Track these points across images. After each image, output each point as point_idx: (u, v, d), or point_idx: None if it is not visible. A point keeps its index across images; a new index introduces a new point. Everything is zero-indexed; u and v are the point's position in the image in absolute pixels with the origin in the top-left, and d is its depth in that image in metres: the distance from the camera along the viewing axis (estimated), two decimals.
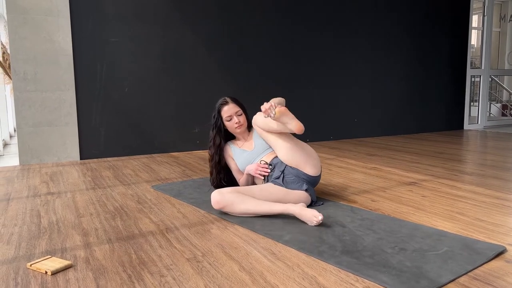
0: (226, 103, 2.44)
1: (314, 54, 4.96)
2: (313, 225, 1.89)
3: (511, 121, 7.50)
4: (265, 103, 2.05)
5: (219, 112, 2.45)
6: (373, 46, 5.37)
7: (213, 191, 2.14)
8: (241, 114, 2.43)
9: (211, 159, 2.49)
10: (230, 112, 2.42)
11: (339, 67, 5.16)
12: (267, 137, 2.26)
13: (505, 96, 10.34)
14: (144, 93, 4.11)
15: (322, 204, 2.25)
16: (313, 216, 1.89)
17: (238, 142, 2.53)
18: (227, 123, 2.44)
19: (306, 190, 2.17)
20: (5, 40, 5.93)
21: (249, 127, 2.53)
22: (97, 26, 3.85)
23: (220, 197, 2.05)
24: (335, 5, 5.04)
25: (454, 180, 2.88)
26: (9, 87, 6.36)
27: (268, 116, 2.04)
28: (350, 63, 5.23)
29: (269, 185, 2.18)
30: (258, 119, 2.23)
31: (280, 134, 2.21)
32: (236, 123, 2.40)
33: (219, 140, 2.46)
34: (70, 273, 1.47)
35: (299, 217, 1.94)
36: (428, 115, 5.97)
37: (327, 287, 1.33)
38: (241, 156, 2.44)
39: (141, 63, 4.07)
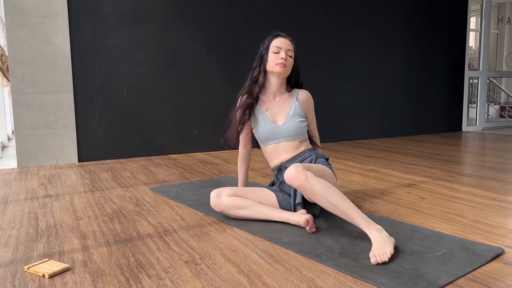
0: (283, 36, 2.07)
1: (313, 56, 4.96)
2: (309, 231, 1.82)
3: (509, 122, 7.52)
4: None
5: (269, 41, 2.05)
6: (371, 48, 5.38)
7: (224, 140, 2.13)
8: (292, 56, 2.05)
9: (238, 112, 2.12)
10: (281, 44, 2.03)
11: (337, 69, 5.16)
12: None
13: (503, 98, 10.37)
14: (143, 95, 4.11)
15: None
16: (306, 221, 1.82)
17: (264, 99, 2.12)
18: (271, 55, 2.02)
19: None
20: (3, 42, 5.92)
21: (289, 85, 2.15)
22: (96, 28, 3.85)
23: (218, 201, 1.99)
24: (333, 6, 5.05)
25: (452, 181, 2.88)
26: (7, 89, 6.35)
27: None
28: (348, 65, 5.24)
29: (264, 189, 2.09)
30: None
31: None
32: (281, 58, 2.00)
33: (251, 98, 2.07)
34: (68, 276, 1.46)
35: (299, 225, 1.89)
36: (426, 116, 5.98)
37: None
38: (264, 124, 2.08)
39: (140, 65, 4.07)
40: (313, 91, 5.21)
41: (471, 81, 6.88)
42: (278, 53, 2.01)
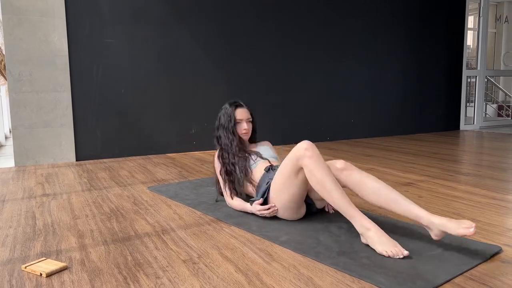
0: (241, 105, 2.25)
1: (311, 55, 4.96)
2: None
3: (507, 121, 7.53)
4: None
5: (233, 113, 2.22)
6: (369, 47, 5.38)
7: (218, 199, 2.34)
8: (250, 121, 2.26)
9: (224, 169, 2.21)
10: (242, 116, 2.23)
11: (336, 68, 5.17)
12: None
13: (501, 97, 10.39)
14: (141, 94, 4.10)
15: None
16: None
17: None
18: (245, 126, 2.23)
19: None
20: (0, 41, 5.90)
21: (252, 138, 2.37)
22: (93, 27, 3.84)
23: (312, 146, 1.76)
24: (332, 6, 5.05)
25: (450, 180, 2.88)
26: (4, 88, 6.34)
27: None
28: (347, 64, 5.24)
29: None
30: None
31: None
32: (244, 129, 2.22)
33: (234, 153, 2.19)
34: (65, 275, 1.46)
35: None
36: (424, 115, 5.99)
37: None
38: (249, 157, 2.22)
39: (137, 64, 4.06)
40: (311, 90, 5.24)
41: (469, 80, 6.89)
42: (240, 124, 2.23)
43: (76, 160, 3.87)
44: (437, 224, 1.55)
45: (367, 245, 1.63)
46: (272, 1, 4.66)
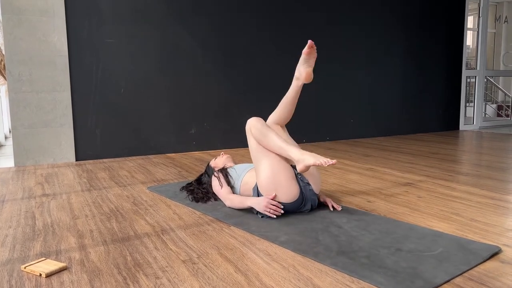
0: (210, 161, 2.65)
1: None
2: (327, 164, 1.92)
3: (506, 121, 7.54)
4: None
5: (208, 167, 2.59)
6: (369, 46, 5.39)
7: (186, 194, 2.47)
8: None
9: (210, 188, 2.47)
10: (215, 158, 2.64)
11: (336, 68, 5.17)
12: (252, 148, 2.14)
13: (500, 97, 10.40)
14: (140, 94, 4.10)
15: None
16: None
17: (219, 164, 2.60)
18: (218, 163, 2.55)
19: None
20: (0, 41, 5.91)
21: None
22: (93, 27, 3.84)
23: (251, 120, 2.14)
24: (331, 5, 5.05)
25: (450, 180, 2.89)
26: (4, 88, 6.34)
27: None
28: (346, 63, 5.24)
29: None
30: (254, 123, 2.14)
31: (267, 153, 2.07)
32: (221, 154, 2.61)
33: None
34: (65, 276, 1.46)
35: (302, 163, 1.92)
36: (423, 115, 5.99)
37: None
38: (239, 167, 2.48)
39: (137, 64, 4.06)
40: (310, 90, 5.23)
41: (468, 80, 6.90)
42: (216, 159, 2.60)
43: (76, 160, 3.87)
44: (303, 159, 1.92)
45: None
46: (272, 1, 4.66)
